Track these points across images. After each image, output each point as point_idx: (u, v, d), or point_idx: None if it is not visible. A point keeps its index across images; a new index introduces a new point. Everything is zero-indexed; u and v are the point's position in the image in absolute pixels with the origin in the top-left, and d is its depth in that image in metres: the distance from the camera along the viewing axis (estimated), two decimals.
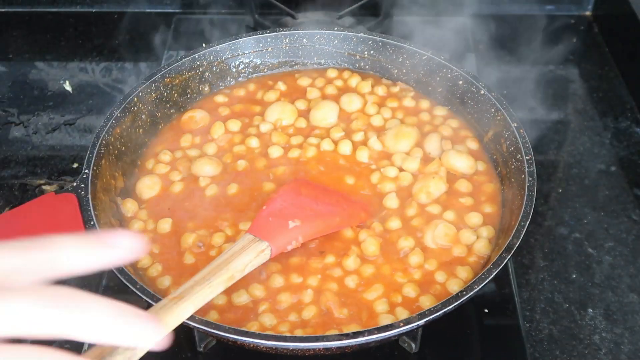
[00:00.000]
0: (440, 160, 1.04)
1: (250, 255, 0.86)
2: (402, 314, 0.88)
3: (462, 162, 1.03)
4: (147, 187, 1.03)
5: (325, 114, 1.11)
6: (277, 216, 0.92)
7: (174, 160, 1.07)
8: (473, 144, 1.09)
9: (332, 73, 1.20)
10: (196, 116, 1.13)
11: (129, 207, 1.01)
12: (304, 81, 1.19)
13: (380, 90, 1.17)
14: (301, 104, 1.15)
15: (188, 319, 0.81)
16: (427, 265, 0.93)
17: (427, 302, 0.88)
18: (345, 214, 0.97)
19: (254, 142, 1.08)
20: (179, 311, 0.76)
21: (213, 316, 0.88)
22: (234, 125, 1.11)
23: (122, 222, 0.99)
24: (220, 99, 1.17)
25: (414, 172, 1.04)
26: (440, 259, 0.94)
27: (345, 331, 0.84)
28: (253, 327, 0.87)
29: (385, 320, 0.86)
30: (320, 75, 1.20)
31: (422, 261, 0.93)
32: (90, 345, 0.59)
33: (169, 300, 0.77)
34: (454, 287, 0.90)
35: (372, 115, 1.13)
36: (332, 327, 0.87)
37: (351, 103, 1.14)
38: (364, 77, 1.20)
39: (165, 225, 0.98)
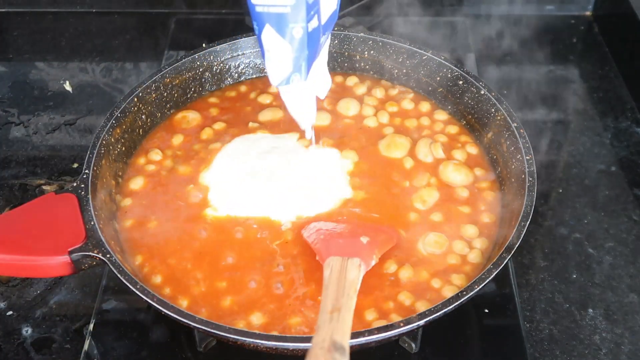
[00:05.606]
0: (430, 173, 1.04)
1: (354, 271, 0.85)
2: (396, 320, 0.87)
3: (459, 177, 1.03)
4: (138, 185, 1.04)
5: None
6: (345, 237, 0.92)
7: (164, 158, 1.07)
8: (473, 149, 1.08)
9: None
10: (189, 116, 1.14)
11: (125, 204, 1.01)
12: None
13: (379, 93, 1.17)
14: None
15: (188, 319, 0.81)
16: (419, 275, 0.93)
17: (422, 308, 0.88)
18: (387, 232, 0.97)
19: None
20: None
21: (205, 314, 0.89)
22: (221, 127, 1.12)
23: (116, 219, 0.99)
24: (212, 100, 1.17)
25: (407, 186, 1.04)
26: (434, 267, 0.94)
27: None
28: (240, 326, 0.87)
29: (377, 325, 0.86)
30: None
31: (411, 275, 0.92)
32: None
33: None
34: (448, 293, 0.89)
35: (367, 118, 1.13)
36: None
37: (348, 109, 1.14)
38: (362, 79, 1.20)
39: (152, 224, 0.99)
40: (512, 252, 0.87)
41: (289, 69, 0.83)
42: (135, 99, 1.08)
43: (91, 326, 0.99)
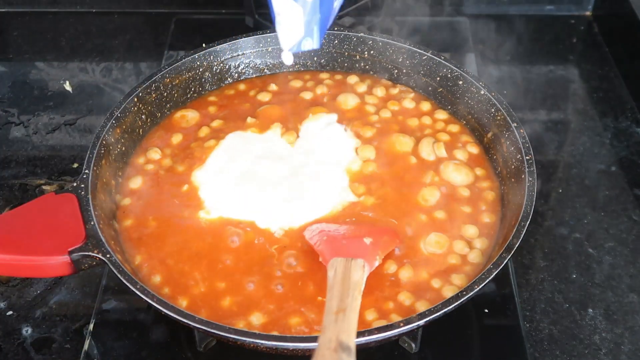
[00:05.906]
0: (433, 172, 1.04)
1: (359, 271, 0.85)
2: (396, 320, 0.87)
3: (460, 176, 1.04)
4: (137, 184, 1.04)
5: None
6: (348, 238, 0.92)
7: (163, 157, 1.08)
8: (474, 149, 1.08)
9: (324, 75, 1.20)
10: (188, 115, 1.14)
11: (125, 203, 1.01)
12: (296, 83, 1.19)
13: (379, 92, 1.17)
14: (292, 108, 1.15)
15: (188, 319, 0.81)
16: (419, 275, 0.93)
17: (422, 308, 0.88)
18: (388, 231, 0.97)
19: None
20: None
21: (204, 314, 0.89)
22: (218, 124, 1.12)
23: (116, 219, 0.99)
24: (212, 99, 1.17)
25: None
26: (434, 267, 0.94)
27: None
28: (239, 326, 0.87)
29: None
30: (312, 78, 1.20)
31: (411, 275, 0.92)
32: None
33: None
34: (448, 293, 0.89)
35: (369, 116, 1.13)
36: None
37: (347, 104, 1.14)
38: (362, 78, 1.20)
39: (151, 224, 0.99)
40: (512, 252, 0.87)
41: (300, 33, 0.81)
42: (135, 99, 1.08)
43: (91, 326, 0.99)
